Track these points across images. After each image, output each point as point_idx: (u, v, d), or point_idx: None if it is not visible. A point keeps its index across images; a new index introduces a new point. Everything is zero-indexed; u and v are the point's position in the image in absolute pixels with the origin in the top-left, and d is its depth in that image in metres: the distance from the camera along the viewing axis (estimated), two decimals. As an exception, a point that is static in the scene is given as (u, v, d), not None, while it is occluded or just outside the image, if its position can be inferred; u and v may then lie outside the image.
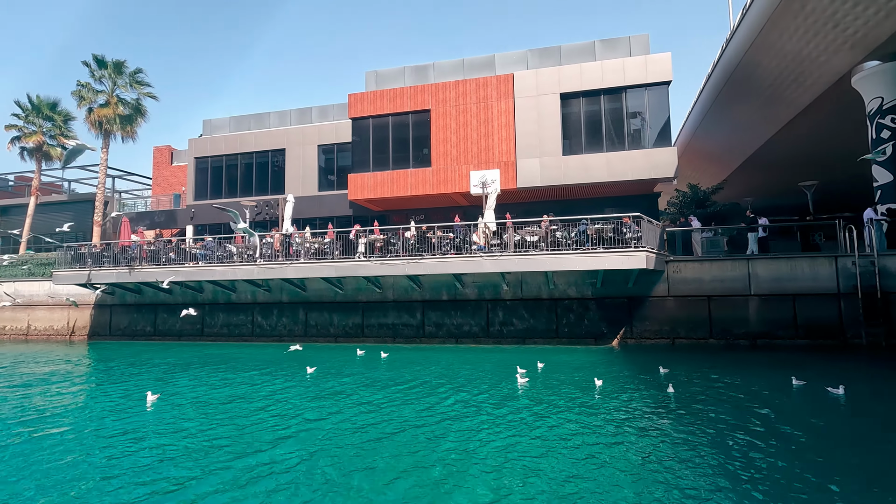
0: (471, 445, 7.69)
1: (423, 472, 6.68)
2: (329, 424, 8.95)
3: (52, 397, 11.49)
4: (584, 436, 8.02)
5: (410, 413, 9.55)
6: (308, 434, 8.41)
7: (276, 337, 20.48)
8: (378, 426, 8.76)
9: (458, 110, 22.63)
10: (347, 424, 8.91)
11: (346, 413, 9.65)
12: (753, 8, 17.75)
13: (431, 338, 18.84)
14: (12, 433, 8.80)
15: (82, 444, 8.18)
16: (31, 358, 18.05)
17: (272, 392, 11.55)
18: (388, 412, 9.64)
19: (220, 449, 7.74)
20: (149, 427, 9.00)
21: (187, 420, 9.43)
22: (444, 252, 16.84)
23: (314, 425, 8.91)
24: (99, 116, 25.65)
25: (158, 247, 19.78)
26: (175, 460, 7.32)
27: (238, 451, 7.61)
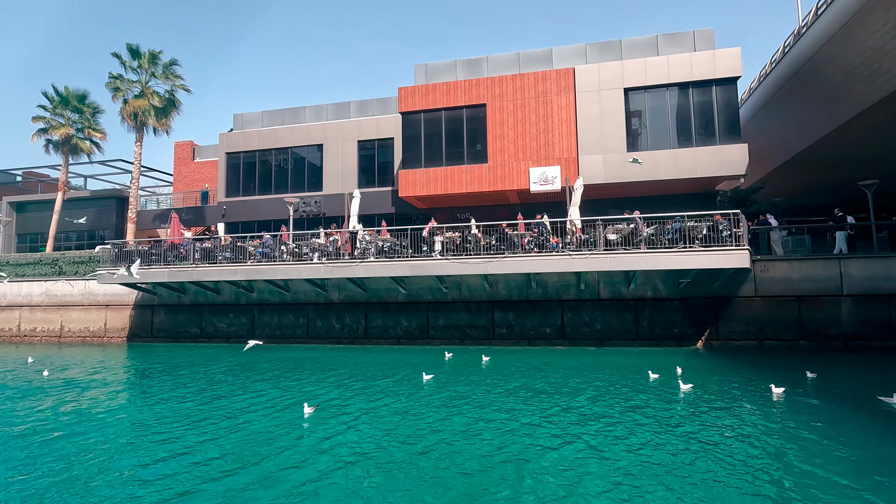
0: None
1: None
2: (606, 442, 7.86)
3: (221, 417, 9.85)
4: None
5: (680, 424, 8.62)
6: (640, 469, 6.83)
7: (334, 339, 19.65)
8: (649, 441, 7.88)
9: (515, 105, 21.98)
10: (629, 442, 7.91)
11: (592, 428, 8.59)
12: (837, 3, 17.36)
13: (502, 340, 18.19)
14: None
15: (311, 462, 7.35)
16: (94, 362, 17.01)
17: (441, 403, 10.26)
18: (630, 424, 8.69)
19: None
20: (377, 453, 7.63)
21: (395, 439, 8.21)
22: (527, 250, 16.17)
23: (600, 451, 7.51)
24: (134, 108, 24.49)
25: (214, 244, 18.82)
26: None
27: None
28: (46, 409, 10.82)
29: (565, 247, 15.79)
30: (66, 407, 10.85)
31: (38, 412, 10.55)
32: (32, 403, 11.32)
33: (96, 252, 23.52)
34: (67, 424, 9.50)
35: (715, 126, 20.17)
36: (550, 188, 21.25)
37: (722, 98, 20.18)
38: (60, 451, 7.90)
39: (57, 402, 11.37)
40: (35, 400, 11.64)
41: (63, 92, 26.17)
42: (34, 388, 12.86)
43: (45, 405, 11.14)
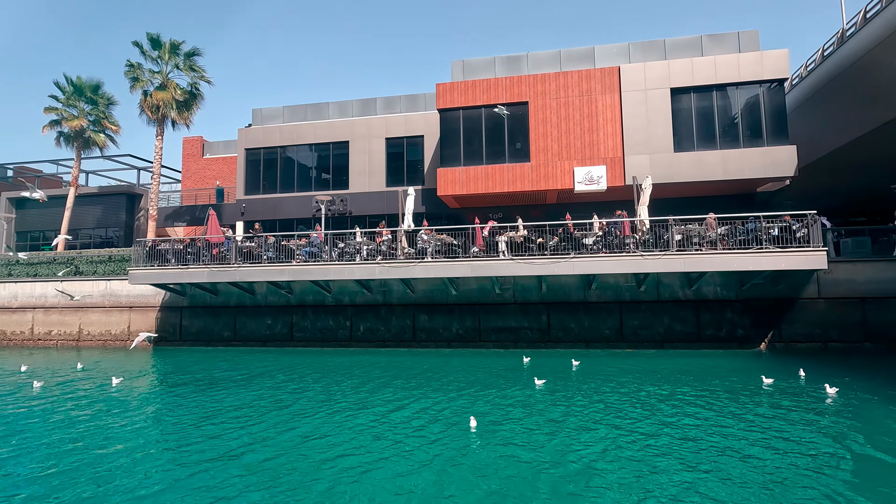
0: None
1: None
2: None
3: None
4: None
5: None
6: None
7: (379, 342, 18.94)
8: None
9: (559, 103, 21.61)
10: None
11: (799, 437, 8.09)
12: (891, 8, 17.43)
13: (558, 342, 17.75)
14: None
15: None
16: (148, 369, 16.00)
17: (595, 418, 9.44)
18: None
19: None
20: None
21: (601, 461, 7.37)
22: (594, 251, 15.77)
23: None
24: (157, 100, 23.32)
25: (259, 243, 17.93)
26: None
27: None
28: (144, 419, 9.97)
29: (638, 247, 15.42)
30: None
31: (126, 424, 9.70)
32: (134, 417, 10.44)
33: (116, 251, 22.33)
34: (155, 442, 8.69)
35: (762, 127, 20.11)
36: (596, 188, 20.93)
37: (769, 99, 20.15)
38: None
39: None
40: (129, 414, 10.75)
41: (76, 81, 24.80)
42: (133, 399, 11.93)
43: (144, 413, 10.28)
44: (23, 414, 10.41)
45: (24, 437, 8.82)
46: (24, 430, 9.24)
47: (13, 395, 12.10)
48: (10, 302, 22.42)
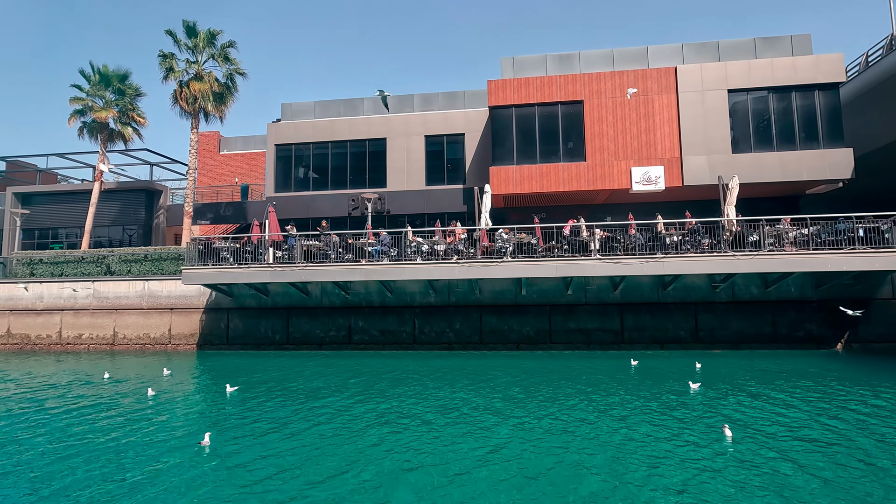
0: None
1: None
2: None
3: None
4: None
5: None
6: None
7: (445, 344, 18.36)
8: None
9: (614, 103, 21.44)
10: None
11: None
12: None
13: (632, 343, 17.49)
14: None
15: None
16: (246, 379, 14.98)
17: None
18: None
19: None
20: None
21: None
22: (681, 250, 15.56)
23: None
24: (194, 91, 22.14)
25: (326, 242, 17.11)
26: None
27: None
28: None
29: (728, 247, 15.27)
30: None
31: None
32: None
33: (153, 250, 21.11)
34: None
35: (818, 130, 20.33)
36: (653, 188, 20.82)
37: (825, 102, 20.39)
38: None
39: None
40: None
41: (102, 70, 23.37)
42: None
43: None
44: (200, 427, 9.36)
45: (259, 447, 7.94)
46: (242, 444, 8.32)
47: (156, 410, 10.82)
48: (35, 303, 20.95)
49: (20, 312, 21.00)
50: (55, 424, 9.64)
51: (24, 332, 20.81)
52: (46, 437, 8.81)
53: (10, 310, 21.07)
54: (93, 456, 7.85)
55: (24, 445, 8.43)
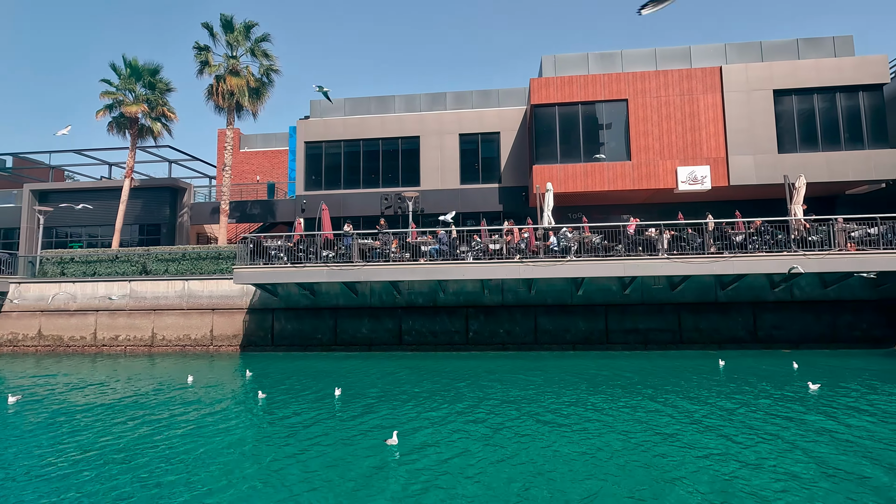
0: None
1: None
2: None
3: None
4: None
5: None
6: None
7: (499, 345, 18.11)
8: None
9: (659, 102, 21.36)
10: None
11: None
12: None
13: (690, 343, 17.40)
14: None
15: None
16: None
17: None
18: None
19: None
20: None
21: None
22: (748, 250, 15.48)
23: None
24: (231, 86, 21.57)
25: (384, 240, 16.74)
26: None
27: None
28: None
29: (799, 246, 15.22)
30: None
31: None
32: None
33: (191, 248, 20.55)
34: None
35: (863, 130, 20.45)
36: (699, 188, 20.78)
37: (869, 103, 20.51)
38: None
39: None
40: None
41: (133, 62, 22.65)
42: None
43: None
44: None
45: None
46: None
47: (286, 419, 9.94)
48: (68, 304, 20.26)
49: (52, 313, 20.30)
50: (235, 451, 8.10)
51: (56, 334, 20.11)
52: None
53: (42, 310, 20.36)
54: (290, 463, 7.36)
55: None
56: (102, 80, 22.71)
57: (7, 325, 20.42)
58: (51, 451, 8.05)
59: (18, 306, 20.37)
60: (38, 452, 8.02)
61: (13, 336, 20.34)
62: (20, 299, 20.39)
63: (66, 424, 9.65)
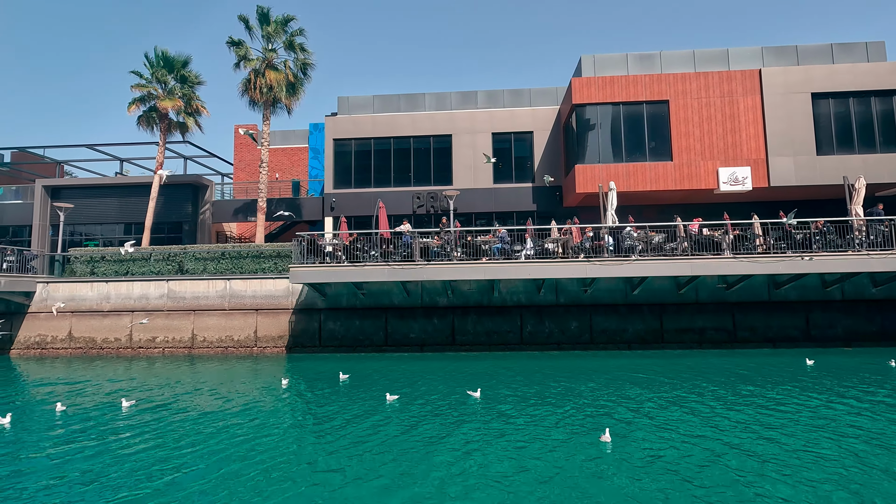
0: None
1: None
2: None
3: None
4: None
5: None
6: None
7: (554, 345, 18.02)
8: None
9: (700, 103, 21.57)
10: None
11: None
12: None
13: (745, 343, 17.59)
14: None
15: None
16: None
17: None
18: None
19: None
20: None
21: None
22: (814, 249, 15.70)
23: None
24: (269, 81, 20.96)
25: (446, 239, 16.46)
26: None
27: None
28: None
29: (862, 245, 15.49)
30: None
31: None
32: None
33: (231, 247, 19.94)
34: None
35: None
36: (740, 188, 21.05)
37: (904, 107, 21.07)
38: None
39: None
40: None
41: (164, 54, 21.80)
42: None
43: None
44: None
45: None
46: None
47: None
48: (101, 304, 19.44)
49: (83, 314, 19.46)
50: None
51: (89, 335, 19.28)
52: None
53: (73, 311, 19.49)
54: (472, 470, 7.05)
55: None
56: (132, 71, 21.91)
57: (35, 327, 19.51)
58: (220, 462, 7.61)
59: (48, 307, 19.46)
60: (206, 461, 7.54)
61: (41, 338, 19.43)
62: (49, 299, 19.48)
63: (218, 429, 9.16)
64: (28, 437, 8.94)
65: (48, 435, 9.02)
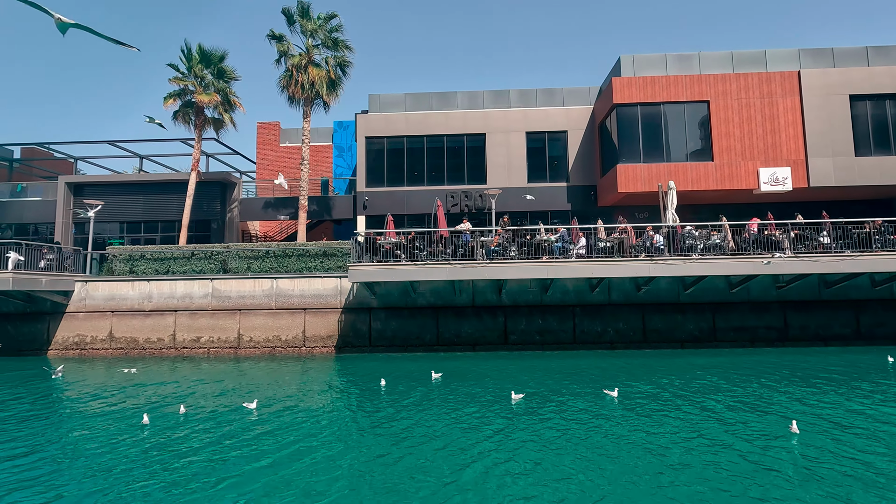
0: None
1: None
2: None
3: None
4: None
5: None
6: None
7: (606, 343, 18.00)
8: None
9: (740, 104, 21.76)
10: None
11: None
12: None
13: (796, 341, 17.74)
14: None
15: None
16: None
17: None
18: None
19: None
20: None
21: None
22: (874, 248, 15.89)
23: None
24: (313, 77, 20.65)
25: (509, 237, 16.34)
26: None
27: None
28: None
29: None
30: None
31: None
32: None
33: (276, 245, 19.63)
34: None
35: (936, 135, 21.37)
36: (781, 189, 21.28)
37: (940, 109, 21.46)
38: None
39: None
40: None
41: (199, 48, 21.35)
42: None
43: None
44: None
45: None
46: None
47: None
48: (143, 304, 18.99)
49: (124, 313, 19.00)
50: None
51: (130, 336, 18.83)
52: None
53: (112, 310, 19.03)
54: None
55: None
56: (169, 64, 21.40)
57: (73, 327, 19.01)
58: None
59: (86, 306, 18.98)
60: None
61: (80, 338, 18.94)
62: (88, 298, 18.99)
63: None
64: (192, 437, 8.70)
65: (213, 435, 8.79)
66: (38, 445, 8.42)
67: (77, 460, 7.65)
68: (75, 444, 8.42)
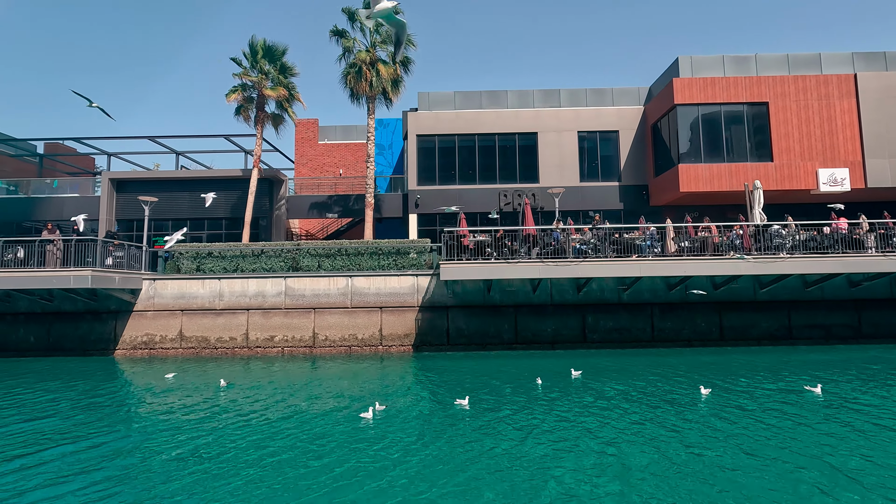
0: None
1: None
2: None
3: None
4: None
5: None
6: None
7: (684, 341, 18.16)
8: None
9: (798, 106, 22.12)
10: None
11: None
12: None
13: (870, 338, 18.09)
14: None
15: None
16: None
17: None
18: None
19: None
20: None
21: None
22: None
23: None
24: (382, 74, 20.41)
25: (598, 236, 16.37)
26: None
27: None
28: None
29: None
30: None
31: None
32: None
33: (348, 244, 19.39)
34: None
35: None
36: (839, 189, 21.68)
37: None
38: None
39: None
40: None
41: (262, 42, 20.92)
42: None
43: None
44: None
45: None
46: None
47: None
48: (214, 302, 18.63)
49: (194, 312, 18.61)
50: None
51: (201, 335, 18.45)
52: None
53: (182, 309, 18.63)
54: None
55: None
56: (232, 58, 20.96)
57: (142, 326, 18.56)
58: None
59: (154, 304, 18.55)
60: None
61: (149, 338, 18.51)
62: (157, 297, 18.57)
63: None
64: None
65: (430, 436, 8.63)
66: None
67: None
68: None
